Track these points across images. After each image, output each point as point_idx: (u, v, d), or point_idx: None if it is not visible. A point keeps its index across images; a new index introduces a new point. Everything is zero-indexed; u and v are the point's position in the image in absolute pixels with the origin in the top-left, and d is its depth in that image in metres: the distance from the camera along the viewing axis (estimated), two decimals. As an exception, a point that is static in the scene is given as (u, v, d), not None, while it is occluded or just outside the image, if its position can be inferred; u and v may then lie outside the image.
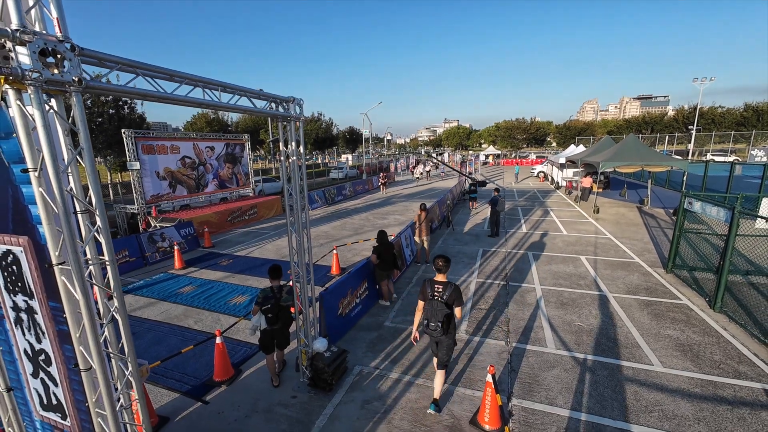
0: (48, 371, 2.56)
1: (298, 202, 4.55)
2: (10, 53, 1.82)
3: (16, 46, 1.81)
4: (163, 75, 2.72)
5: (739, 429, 4.03)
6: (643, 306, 7.07)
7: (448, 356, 4.35)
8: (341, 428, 4.22)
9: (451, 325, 4.21)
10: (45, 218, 2.08)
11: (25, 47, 1.83)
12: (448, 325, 4.15)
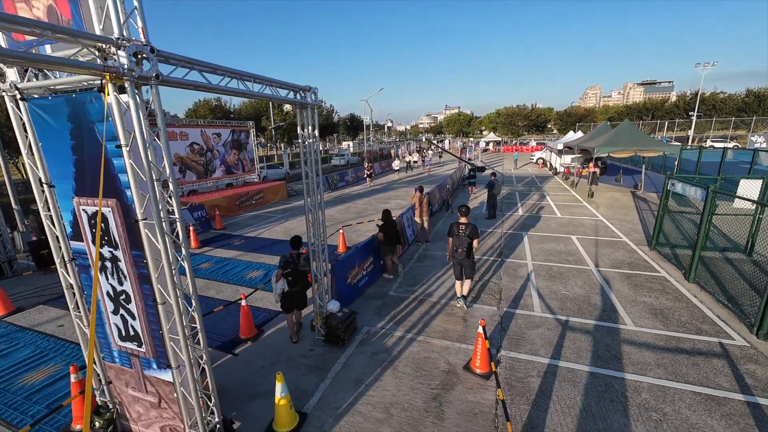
0: (127, 308, 3.22)
1: (314, 180, 5.16)
2: (113, 56, 2.40)
3: (117, 50, 2.40)
4: (209, 69, 3.29)
5: (692, 372, 4.75)
6: (624, 278, 7.76)
7: (472, 272, 6.43)
8: (353, 373, 4.94)
9: (471, 252, 6.24)
10: (133, 184, 2.70)
11: (123, 51, 2.41)
12: (469, 252, 6.23)
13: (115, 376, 3.69)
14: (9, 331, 6.35)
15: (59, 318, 6.79)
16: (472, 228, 6.22)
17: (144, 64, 2.59)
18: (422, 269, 8.58)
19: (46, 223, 3.30)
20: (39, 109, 2.90)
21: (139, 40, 2.53)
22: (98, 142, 2.76)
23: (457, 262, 6.33)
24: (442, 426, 4.01)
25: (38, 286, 8.25)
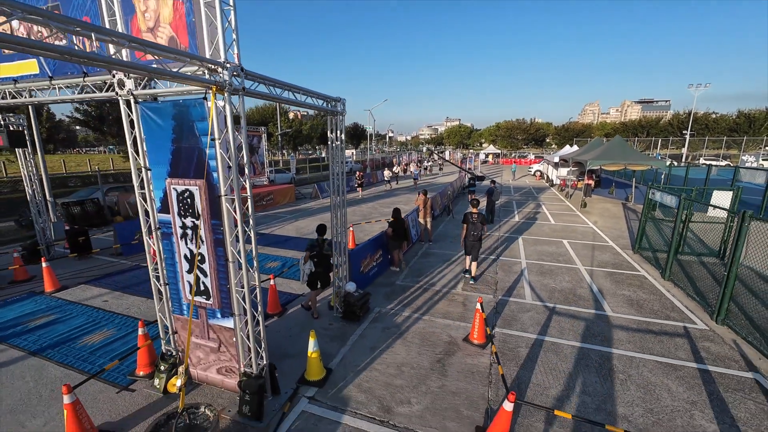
0: (201, 268, 4.08)
1: (341, 178, 6.08)
2: (220, 73, 3.33)
3: (223, 69, 3.32)
4: (270, 82, 4.22)
5: (657, 346, 5.60)
6: (607, 275, 8.64)
7: (478, 253, 8.16)
8: (368, 342, 5.76)
9: (481, 236, 7.95)
10: (221, 168, 3.60)
11: (226, 70, 3.34)
12: (481, 235, 7.94)
13: (181, 326, 4.52)
14: (60, 304, 7.15)
15: (102, 295, 7.59)
16: (483, 216, 8.05)
17: (235, 80, 3.52)
18: (426, 264, 9.45)
19: (139, 200, 4.19)
20: (148, 111, 3.81)
21: (235, 63, 3.46)
22: (194, 136, 3.66)
23: (470, 243, 8.02)
24: (445, 380, 4.83)
25: (76, 269, 9.06)
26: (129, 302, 7.27)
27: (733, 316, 6.27)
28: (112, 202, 14.79)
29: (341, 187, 6.25)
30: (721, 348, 5.58)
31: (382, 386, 4.70)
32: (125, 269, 9.17)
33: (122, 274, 8.85)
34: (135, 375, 4.87)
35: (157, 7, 3.48)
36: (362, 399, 4.46)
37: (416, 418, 4.16)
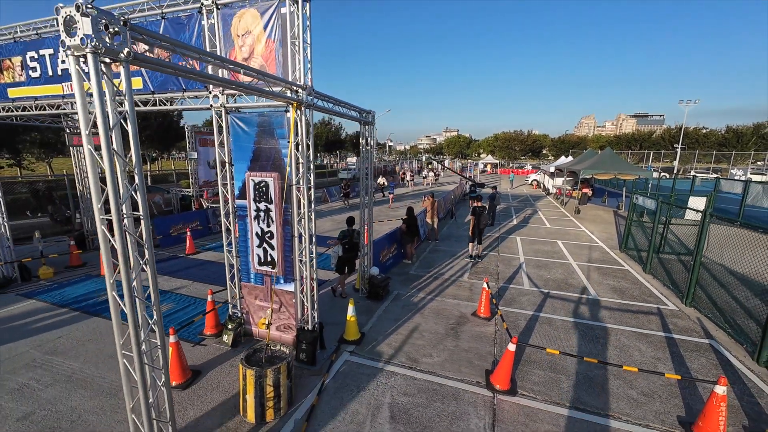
0: (270, 243, 5.17)
1: (370, 179, 7.21)
2: (299, 93, 4.48)
3: (303, 90, 4.48)
4: (330, 100, 5.36)
5: (632, 320, 6.70)
6: (595, 269, 9.77)
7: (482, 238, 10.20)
8: (392, 315, 6.82)
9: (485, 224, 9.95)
10: (293, 163, 4.73)
11: (304, 91, 4.50)
12: (485, 223, 9.92)
13: (247, 292, 5.59)
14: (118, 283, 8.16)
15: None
16: (485, 207, 10.23)
17: (309, 99, 4.67)
18: (434, 258, 10.55)
19: (221, 189, 5.29)
20: (237, 120, 4.95)
21: (309, 85, 4.62)
22: (274, 139, 4.80)
23: (478, 230, 9.83)
24: (458, 341, 5.90)
25: (121, 258, 10.06)
26: (177, 284, 8.30)
27: (699, 300, 7.39)
28: (138, 201, 15.81)
29: (369, 186, 7.39)
30: (687, 323, 6.69)
31: (408, 345, 5.76)
32: (164, 258, 10.20)
33: (163, 262, 9.87)
34: (203, 335, 5.91)
35: (253, 43, 4.64)
36: (392, 353, 5.52)
37: (437, 365, 5.22)
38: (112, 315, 2.87)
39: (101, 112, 2.38)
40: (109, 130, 2.44)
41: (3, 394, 4.49)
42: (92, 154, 2.52)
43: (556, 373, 5.06)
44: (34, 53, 6.20)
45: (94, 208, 2.62)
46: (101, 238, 2.68)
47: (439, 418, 4.18)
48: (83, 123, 2.46)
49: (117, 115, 2.51)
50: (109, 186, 2.48)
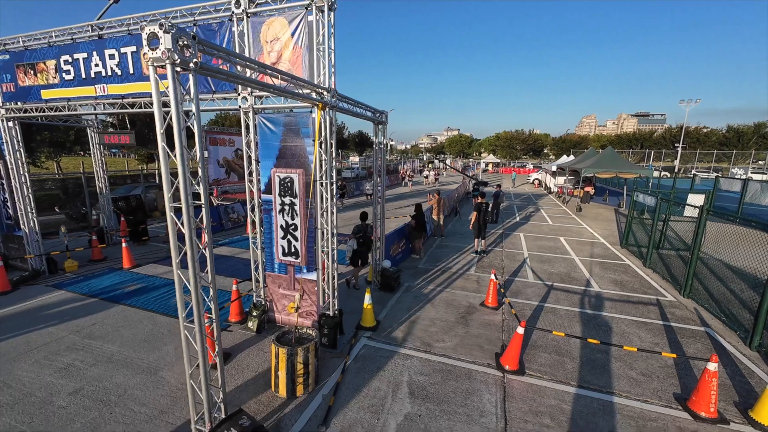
0: (294, 234, 5.54)
1: (383, 176, 7.58)
2: (324, 95, 4.85)
3: (327, 93, 4.85)
4: (350, 101, 5.73)
5: (633, 310, 7.06)
6: (597, 264, 10.13)
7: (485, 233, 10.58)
8: (404, 305, 7.19)
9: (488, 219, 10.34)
10: (317, 160, 5.10)
11: (329, 93, 4.86)
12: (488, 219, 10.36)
13: (271, 281, 5.96)
14: (141, 276, 8.56)
15: (169, 272, 8.99)
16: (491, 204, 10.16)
17: (333, 100, 5.04)
18: (441, 253, 10.92)
19: (247, 184, 5.66)
20: (264, 120, 5.32)
21: (333, 88, 4.99)
22: (299, 137, 5.17)
23: (480, 226, 10.30)
24: (468, 328, 6.27)
25: (138, 253, 10.45)
26: (197, 277, 8.67)
27: (696, 292, 7.74)
28: (150, 199, 16.23)
29: (383, 183, 7.76)
30: (684, 312, 7.05)
31: (421, 331, 6.14)
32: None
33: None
34: (228, 321, 6.29)
35: (281, 49, 5.01)
36: (407, 338, 5.89)
37: (450, 349, 5.59)
38: (177, 291, 3.23)
39: (176, 113, 2.75)
40: (181, 129, 2.81)
41: (52, 372, 4.87)
42: (165, 150, 2.89)
43: (561, 356, 5.42)
44: (68, 57, 6.58)
45: (165, 197, 2.99)
46: (170, 222, 3.06)
47: (454, 394, 4.55)
48: (159, 123, 2.83)
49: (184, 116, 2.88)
50: (180, 178, 2.86)
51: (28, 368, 4.97)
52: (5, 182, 8.24)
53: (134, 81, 6.15)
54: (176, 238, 3.11)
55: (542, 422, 4.11)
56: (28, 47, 6.93)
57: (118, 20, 6.04)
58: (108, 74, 6.31)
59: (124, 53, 6.07)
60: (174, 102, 2.75)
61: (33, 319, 6.43)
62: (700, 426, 4.10)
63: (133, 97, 6.25)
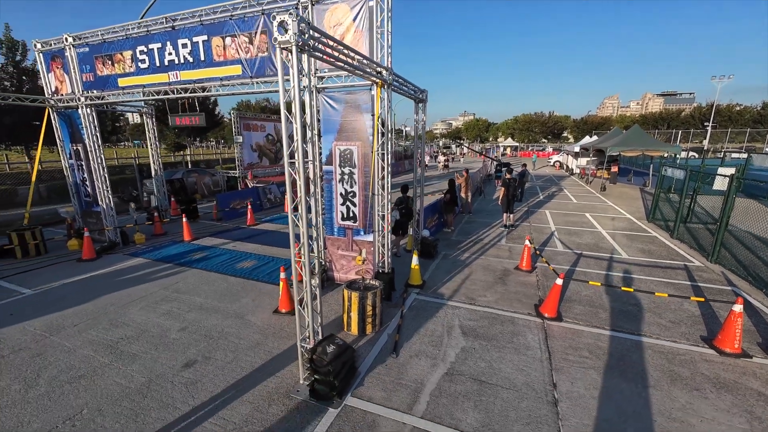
0: (352, 201, 6.25)
1: (422, 153, 8.16)
2: (382, 73, 5.44)
3: (386, 71, 5.44)
4: (401, 79, 6.29)
5: (661, 274, 7.52)
6: (624, 235, 10.50)
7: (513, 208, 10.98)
8: (444, 269, 7.86)
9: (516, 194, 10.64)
10: (376, 133, 5.73)
11: (387, 72, 5.45)
12: (515, 194, 10.64)
13: (330, 243, 6.73)
14: (202, 247, 9.53)
15: (226, 243, 9.94)
16: (515, 180, 11.13)
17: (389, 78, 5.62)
18: (471, 228, 11.50)
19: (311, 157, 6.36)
20: (327, 98, 5.97)
21: (390, 67, 5.57)
22: (359, 113, 5.80)
23: (508, 200, 10.60)
24: (506, 287, 6.91)
25: (193, 229, 11.45)
26: (251, 248, 9.58)
27: (723, 258, 8.10)
28: (191, 182, 17.33)
29: (422, 159, 8.35)
30: (711, 275, 7.47)
31: (463, 289, 6.81)
32: (230, 229, 11.55)
33: (229, 232, 11.21)
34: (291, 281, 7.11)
35: (343, 33, 5.60)
36: (452, 294, 6.59)
37: (492, 302, 6.26)
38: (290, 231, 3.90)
39: (297, 87, 3.42)
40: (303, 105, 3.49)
41: (157, 316, 5.81)
42: (287, 118, 3.58)
43: (595, 308, 6.01)
44: (143, 47, 7.36)
45: (285, 159, 3.69)
46: (288, 180, 3.73)
47: (501, 334, 5.23)
48: (282, 95, 3.50)
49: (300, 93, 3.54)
50: (299, 145, 3.53)
51: (137, 313, 5.93)
52: (84, 163, 9.26)
53: (205, 67, 6.88)
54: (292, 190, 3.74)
55: (581, 355, 4.75)
56: (107, 40, 7.74)
57: (191, 12, 6.74)
58: (180, 62, 7.07)
59: (196, 42, 6.80)
60: (296, 77, 3.41)
61: (123, 279, 7.44)
62: (725, 359, 4.65)
63: (203, 82, 7.00)
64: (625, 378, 4.28)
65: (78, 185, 9.72)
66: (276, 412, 3.76)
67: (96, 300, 6.42)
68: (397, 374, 4.37)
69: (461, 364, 4.54)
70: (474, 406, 3.83)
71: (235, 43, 6.46)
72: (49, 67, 8.84)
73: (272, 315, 5.86)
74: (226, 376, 4.34)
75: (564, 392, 4.03)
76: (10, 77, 15.96)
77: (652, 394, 4.01)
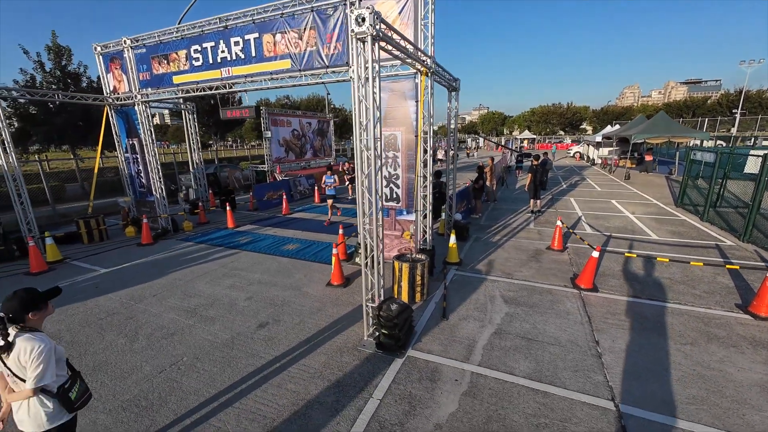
0: (396, 183, 6.71)
1: (455, 142, 8.54)
2: (424, 61, 5.87)
3: (429, 60, 5.86)
4: (440, 67, 6.70)
5: (692, 252, 7.71)
6: (652, 219, 10.63)
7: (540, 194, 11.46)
8: (477, 250, 8.25)
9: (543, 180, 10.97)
10: (421, 119, 6.17)
11: (431, 61, 5.88)
12: (542, 180, 10.88)
13: (374, 224, 7.22)
14: (246, 233, 10.21)
15: (266, 230, 10.59)
16: (542, 167, 11.24)
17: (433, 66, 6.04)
18: (498, 214, 11.83)
19: (356, 142, 6.86)
20: (372, 87, 6.44)
21: (433, 56, 5.99)
22: (404, 100, 6.25)
23: (535, 186, 11.01)
24: (540, 264, 7.26)
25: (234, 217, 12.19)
26: (290, 233, 10.20)
27: (756, 239, 8.20)
28: (224, 177, 18.19)
29: (455, 146, 8.74)
30: (743, 253, 7.61)
31: (499, 265, 7.21)
32: (267, 218, 12.21)
33: (267, 220, 11.87)
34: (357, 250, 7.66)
35: (389, 26, 6.05)
36: (489, 270, 6.99)
37: (528, 276, 6.64)
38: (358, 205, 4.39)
39: (372, 73, 3.89)
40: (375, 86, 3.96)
41: (223, 288, 6.45)
42: (361, 102, 4.06)
43: (629, 281, 6.31)
44: (197, 46, 7.99)
45: (355, 142, 4.17)
46: (360, 160, 4.22)
47: (541, 302, 5.62)
48: (357, 81, 3.98)
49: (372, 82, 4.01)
50: (371, 126, 4.00)
51: (204, 286, 6.59)
52: (139, 156, 10.04)
53: (256, 62, 7.45)
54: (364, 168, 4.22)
55: (620, 319, 5.10)
56: (163, 41, 8.42)
57: (242, 12, 7.30)
58: (232, 58, 7.66)
59: (248, 39, 7.37)
60: (371, 63, 3.88)
61: (184, 260, 8.15)
62: (761, 323, 4.92)
63: (254, 76, 7.57)
64: (663, 337, 4.62)
65: (133, 177, 10.54)
66: (348, 360, 4.29)
67: (165, 276, 7.12)
68: (449, 333, 4.83)
69: (507, 326, 4.97)
70: (524, 357, 4.27)
71: (285, 39, 6.99)
72: (108, 67, 9.62)
73: (325, 287, 6.41)
74: (297, 334, 4.90)
75: (606, 348, 4.41)
76: (57, 81, 17.04)
77: (690, 349, 4.35)
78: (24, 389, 2.27)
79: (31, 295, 2.34)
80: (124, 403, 3.68)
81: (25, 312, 2.29)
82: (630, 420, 3.31)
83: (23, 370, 2.25)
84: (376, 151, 4.24)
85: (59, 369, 2.39)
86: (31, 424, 2.35)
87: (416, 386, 3.82)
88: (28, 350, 2.22)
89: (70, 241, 9.45)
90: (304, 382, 3.92)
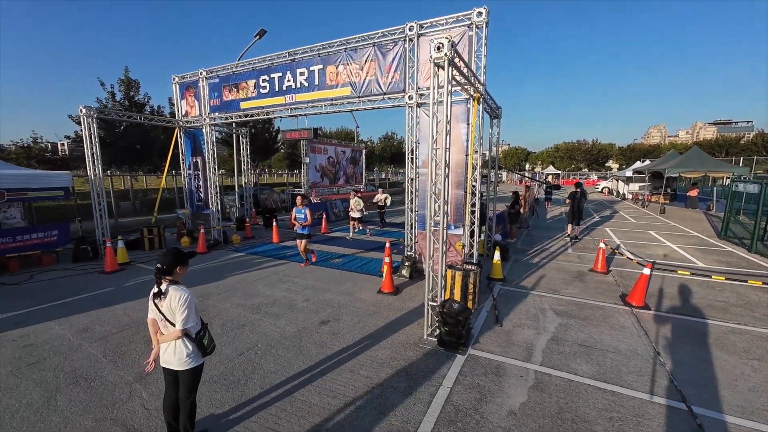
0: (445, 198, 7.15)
1: (496, 168, 9.01)
2: (477, 88, 6.48)
3: (480, 86, 6.48)
4: (489, 97, 7.32)
5: (744, 278, 7.55)
6: (696, 250, 10.43)
7: (579, 220, 11.54)
8: (519, 269, 8.38)
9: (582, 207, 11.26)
10: (471, 138, 6.69)
11: (483, 87, 6.49)
12: (581, 206, 11.36)
13: (422, 238, 7.59)
14: (291, 246, 10.76)
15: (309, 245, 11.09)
16: (582, 193, 11.65)
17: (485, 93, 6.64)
18: (534, 238, 11.93)
19: (407, 162, 7.42)
20: (425, 111, 7.10)
21: (485, 84, 6.61)
22: (454, 122, 6.82)
23: (574, 212, 11.50)
24: (585, 284, 7.30)
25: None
26: (333, 249, 10.67)
27: (813, 268, 7.95)
28: (263, 198, 19.26)
29: (495, 171, 9.17)
30: (801, 283, 7.39)
31: (544, 283, 7.31)
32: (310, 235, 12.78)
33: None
34: (382, 272, 7.99)
35: (445, 58, 6.79)
36: (534, 287, 7.11)
37: (575, 294, 6.71)
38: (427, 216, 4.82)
39: (447, 93, 4.47)
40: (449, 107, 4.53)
41: (280, 291, 6.87)
42: (433, 118, 4.62)
43: (682, 302, 6.28)
44: (266, 76, 9.05)
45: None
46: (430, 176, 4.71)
47: (593, 316, 5.69)
48: (433, 101, 4.56)
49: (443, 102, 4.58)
50: (442, 137, 4.53)
51: (262, 289, 7.03)
52: (201, 173, 11.03)
53: (318, 90, 8.35)
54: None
55: (678, 334, 5.09)
56: (235, 72, 9.59)
57: (309, 47, 8.32)
58: (297, 86, 8.62)
59: (312, 70, 8.32)
60: (446, 84, 4.46)
61: (237, 267, 8.69)
62: (829, 345, 4.79)
63: (316, 102, 8.44)
64: (727, 352, 4.59)
65: (192, 192, 11.50)
66: (412, 355, 4.52)
67: (225, 280, 7.64)
68: (506, 338, 4.98)
69: (563, 334, 5.07)
70: (585, 361, 4.36)
71: (347, 70, 7.87)
72: (183, 95, 10.91)
73: (377, 294, 6.71)
74: (358, 331, 5.19)
75: (668, 358, 4.44)
76: (124, 109, 19.06)
77: (758, 364, 4.31)
78: (173, 331, 2.73)
79: (181, 253, 2.88)
80: (213, 377, 4.04)
81: (175, 265, 2.81)
82: (705, 420, 3.35)
83: (173, 314, 2.72)
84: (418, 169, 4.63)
85: (197, 317, 2.86)
86: (176, 362, 2.79)
87: (483, 379, 3.99)
88: (177, 297, 2.72)
89: (133, 247, 10.27)
90: (375, 370, 4.16)
